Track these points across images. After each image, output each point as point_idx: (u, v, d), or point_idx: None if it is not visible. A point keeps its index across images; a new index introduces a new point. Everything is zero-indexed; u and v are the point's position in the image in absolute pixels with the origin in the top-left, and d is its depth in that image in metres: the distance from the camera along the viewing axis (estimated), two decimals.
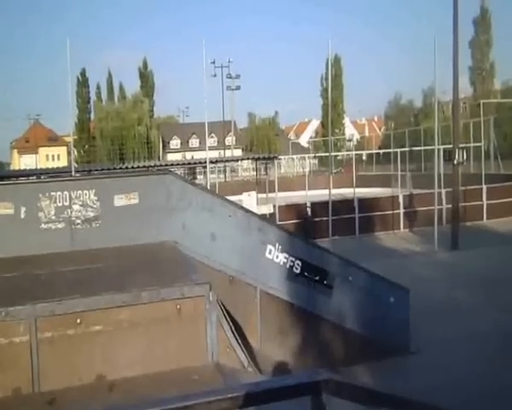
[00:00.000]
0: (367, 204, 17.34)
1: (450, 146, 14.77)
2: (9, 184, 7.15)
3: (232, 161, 37.45)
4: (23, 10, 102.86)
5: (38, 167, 39.02)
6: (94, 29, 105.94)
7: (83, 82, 56.72)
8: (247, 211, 6.24)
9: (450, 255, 12.80)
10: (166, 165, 25.35)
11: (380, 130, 66.64)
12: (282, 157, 35.63)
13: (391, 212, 17.31)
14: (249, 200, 16.57)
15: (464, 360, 6.07)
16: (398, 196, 17.83)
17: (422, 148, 26.80)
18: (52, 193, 5.33)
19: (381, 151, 36.00)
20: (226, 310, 3.88)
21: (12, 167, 65.12)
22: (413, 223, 17.26)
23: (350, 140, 55.70)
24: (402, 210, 17.34)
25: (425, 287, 8.76)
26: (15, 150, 70.13)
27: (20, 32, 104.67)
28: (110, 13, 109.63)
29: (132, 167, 25.39)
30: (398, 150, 22.61)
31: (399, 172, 20.39)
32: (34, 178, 18.84)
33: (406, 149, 26.42)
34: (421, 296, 7.39)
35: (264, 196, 20.80)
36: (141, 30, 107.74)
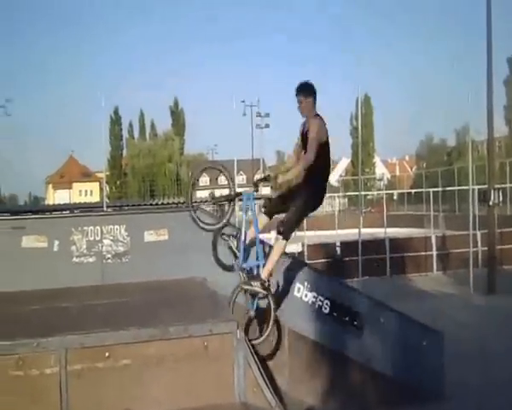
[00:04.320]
0: (398, 244, 17.00)
1: (485, 186, 14.43)
2: (44, 218, 7.38)
3: (261, 198, 37.58)
4: (60, 49, 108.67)
5: (72, 202, 40.21)
6: (127, 69, 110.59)
7: (116, 120, 58.84)
8: None
9: (486, 299, 12.31)
10: (196, 202, 25.67)
11: (411, 169, 65.96)
12: None
13: (423, 253, 16.90)
14: None
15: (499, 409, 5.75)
16: (430, 237, 17.43)
17: (456, 188, 26.33)
18: (84, 227, 5.46)
19: (413, 191, 35.49)
20: (254, 348, 3.82)
21: (46, 202, 67.39)
22: (446, 265, 16.77)
23: (380, 179, 55.29)
24: (435, 252, 16.90)
25: (460, 331, 8.41)
26: (50, 185, 72.60)
27: (57, 70, 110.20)
28: (142, 55, 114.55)
29: (162, 204, 25.81)
30: (431, 190, 22.27)
31: (432, 213, 20.01)
32: (67, 212, 19.40)
33: (439, 189, 26.00)
34: (456, 341, 7.09)
35: (292, 234, 20.65)
36: (172, 70, 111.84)
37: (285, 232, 4.71)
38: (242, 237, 4.84)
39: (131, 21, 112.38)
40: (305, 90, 4.65)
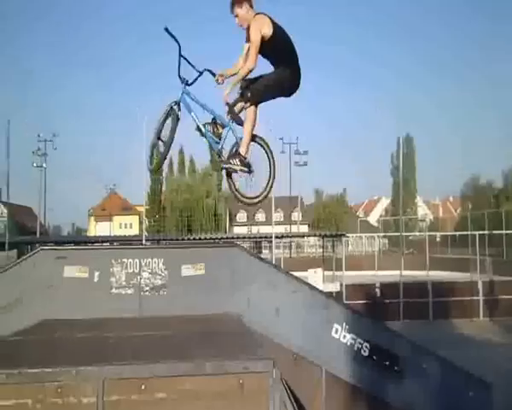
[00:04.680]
0: (442, 288, 16.41)
1: None
2: (86, 249, 7.59)
3: (298, 236, 37.44)
4: (104, 86, 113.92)
5: (112, 234, 41.33)
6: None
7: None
8: (313, 288, 6.12)
9: None
10: (233, 238, 25.85)
11: (455, 211, 64.10)
12: (350, 235, 35.08)
13: (469, 298, 16.23)
14: (315, 277, 16.27)
15: None
16: (476, 282, 16.74)
17: (504, 232, 25.30)
18: (124, 260, 5.57)
19: (458, 233, 34.34)
20: (290, 389, 3.72)
21: (88, 233, 69.58)
22: (494, 312, 15.99)
23: (423, 220, 53.95)
24: (481, 297, 16.20)
25: (510, 382, 7.90)
26: (92, 217, 75.09)
27: (102, 107, 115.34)
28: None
29: (199, 239, 26.16)
30: (477, 233, 21.49)
31: (478, 257, 19.23)
32: (108, 244, 19.93)
33: (486, 232, 25.06)
34: (507, 392, 6.65)
35: (330, 273, 20.36)
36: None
37: (252, 96, 4.39)
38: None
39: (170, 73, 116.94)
40: (238, 1, 4.31)
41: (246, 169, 4.57)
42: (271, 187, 4.67)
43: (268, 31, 4.25)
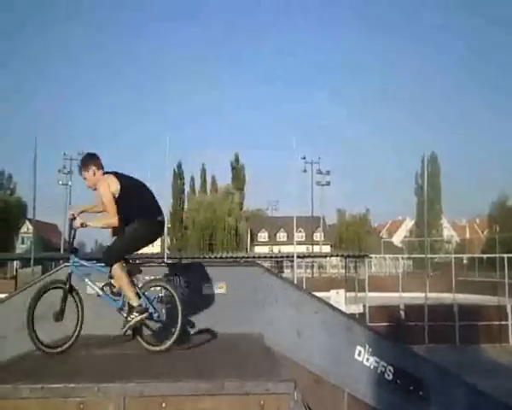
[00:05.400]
0: (469, 312, 16.00)
1: None
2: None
3: (320, 256, 37.16)
4: (129, 106, 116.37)
5: (134, 252, 41.67)
6: (192, 129, 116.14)
7: (178, 174, 61.29)
8: (335, 309, 6.04)
9: None
10: (254, 257, 25.82)
11: (482, 232, 62.52)
12: (373, 256, 34.62)
13: (497, 323, 15.76)
14: (337, 297, 16.09)
15: None
16: (505, 306, 16.26)
17: None
18: (146, 277, 5.60)
19: (485, 256, 33.47)
20: None
21: None
22: None
23: (449, 242, 52.85)
24: (510, 322, 15.70)
25: None
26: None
27: (124, 128, 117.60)
28: (206, 115, 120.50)
29: (221, 257, 26.19)
30: (506, 256, 20.91)
31: (507, 280, 18.71)
32: (130, 262, 20.08)
33: None
34: None
35: (353, 294, 20.08)
36: (234, 127, 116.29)
37: (107, 259, 4.50)
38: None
39: (197, 86, 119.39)
40: (85, 165, 4.54)
41: (145, 316, 4.43)
42: (179, 334, 4.36)
43: (115, 188, 4.41)
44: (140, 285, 4.59)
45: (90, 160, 4.57)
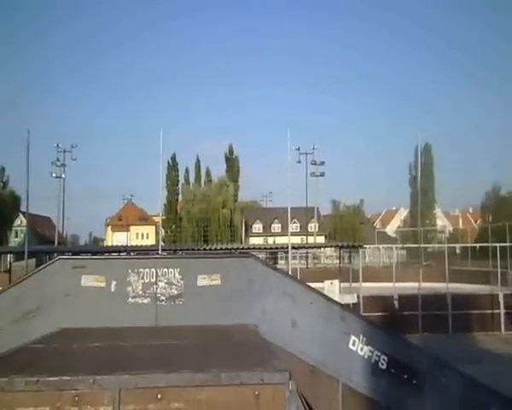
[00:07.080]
0: (462, 301, 16.14)
1: None
2: (103, 259, 7.66)
3: (315, 247, 37.26)
4: (123, 100, 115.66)
5: (129, 244, 41.65)
6: (186, 121, 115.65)
7: (173, 166, 61.11)
8: (330, 299, 6.06)
9: None
10: (249, 248, 25.85)
11: (475, 222, 62.92)
12: (368, 246, 34.73)
13: (489, 311, 15.93)
14: (332, 288, 16.16)
15: None
16: (497, 295, 16.42)
17: None
18: (140, 269, 5.60)
19: (478, 245, 33.72)
20: (306, 401, 3.67)
21: (105, 243, 70.31)
22: None
23: (442, 232, 53.17)
24: (503, 310, 15.87)
25: None
26: (109, 227, 75.92)
27: (118, 121, 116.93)
28: (201, 106, 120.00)
29: (215, 249, 26.18)
30: (498, 245, 21.09)
31: (499, 269, 18.88)
32: (124, 254, 20.10)
33: (507, 243, 24.56)
34: None
35: (347, 285, 20.18)
36: (229, 118, 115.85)
37: None
38: None
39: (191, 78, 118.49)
40: None
41: None
42: None
43: None
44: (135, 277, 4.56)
45: None
